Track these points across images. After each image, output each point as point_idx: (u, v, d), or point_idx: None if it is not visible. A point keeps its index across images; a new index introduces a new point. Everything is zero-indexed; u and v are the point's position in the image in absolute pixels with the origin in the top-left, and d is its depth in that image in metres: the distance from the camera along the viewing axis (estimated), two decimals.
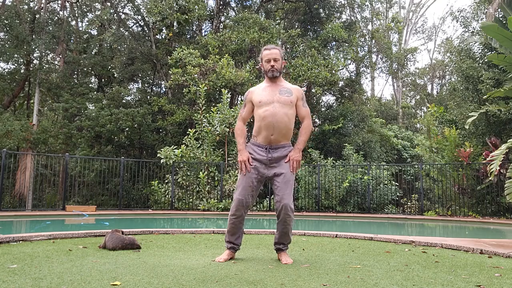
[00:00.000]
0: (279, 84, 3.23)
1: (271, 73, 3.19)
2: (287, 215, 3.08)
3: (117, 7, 17.67)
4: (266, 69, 3.22)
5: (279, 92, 3.17)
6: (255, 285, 2.26)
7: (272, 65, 3.18)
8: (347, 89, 18.23)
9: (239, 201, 3.10)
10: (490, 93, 9.34)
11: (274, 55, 3.20)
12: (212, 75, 13.41)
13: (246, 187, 3.12)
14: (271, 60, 3.19)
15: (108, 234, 3.74)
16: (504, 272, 2.76)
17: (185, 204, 11.16)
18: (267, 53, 3.22)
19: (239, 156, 3.21)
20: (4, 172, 9.32)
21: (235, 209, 3.12)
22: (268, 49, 3.25)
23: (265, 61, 3.22)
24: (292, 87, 3.26)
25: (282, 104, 3.12)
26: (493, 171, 7.84)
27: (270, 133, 3.11)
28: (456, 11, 14.58)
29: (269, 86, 3.22)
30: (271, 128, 3.10)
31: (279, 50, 3.25)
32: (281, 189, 3.08)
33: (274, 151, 3.15)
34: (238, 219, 3.15)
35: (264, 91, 3.20)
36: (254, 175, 3.14)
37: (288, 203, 3.06)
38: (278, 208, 3.10)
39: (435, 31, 30.79)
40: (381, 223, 9.36)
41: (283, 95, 3.15)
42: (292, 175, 3.16)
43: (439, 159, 12.12)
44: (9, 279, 2.29)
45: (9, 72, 16.85)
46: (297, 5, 16.91)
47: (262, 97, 3.17)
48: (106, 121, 14.01)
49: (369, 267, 2.85)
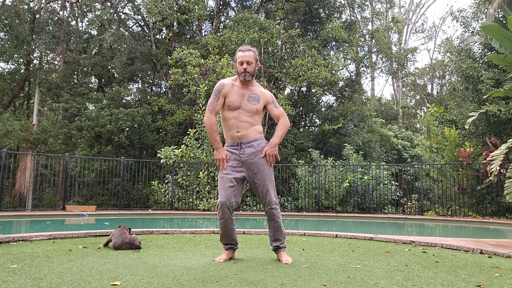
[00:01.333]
0: (249, 89, 3.19)
1: (243, 76, 3.14)
2: (273, 209, 3.14)
3: (117, 7, 17.67)
4: (239, 71, 3.16)
5: (248, 98, 3.14)
6: (255, 285, 2.26)
7: (245, 68, 3.13)
8: (347, 89, 18.23)
9: (222, 204, 3.07)
10: (490, 93, 9.34)
11: (247, 58, 3.14)
12: (212, 75, 13.41)
13: (227, 188, 3.08)
14: (244, 62, 3.13)
15: (117, 230, 3.77)
16: (504, 272, 2.76)
17: (185, 204, 11.16)
18: (241, 55, 3.16)
19: (216, 154, 3.15)
20: (4, 172, 9.32)
21: (221, 212, 3.09)
22: (242, 50, 3.19)
23: (238, 63, 3.17)
24: (261, 92, 3.22)
25: (246, 111, 3.12)
26: (493, 171, 7.84)
27: (235, 130, 3.13)
28: (456, 11, 14.59)
29: (240, 89, 3.17)
30: (235, 126, 3.12)
31: (253, 52, 3.19)
32: (261, 186, 3.12)
33: (247, 145, 3.12)
34: (226, 221, 3.12)
35: (235, 94, 3.15)
36: (233, 174, 3.11)
37: (270, 199, 3.11)
38: (263, 206, 3.17)
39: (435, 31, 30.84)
40: (381, 223, 9.36)
41: (250, 103, 3.13)
42: (270, 169, 3.16)
43: (439, 159, 12.12)
44: (9, 279, 2.29)
45: (9, 72, 16.86)
46: (297, 5, 16.90)
47: (231, 101, 3.13)
48: (106, 121, 14.01)
49: (369, 267, 2.85)
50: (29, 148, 14.30)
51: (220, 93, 3.17)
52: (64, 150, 14.86)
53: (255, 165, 3.12)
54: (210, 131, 3.16)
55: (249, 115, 3.13)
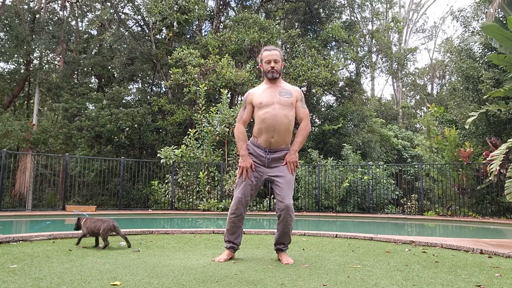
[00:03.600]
0: (278, 85, 3.22)
1: (271, 74, 3.18)
2: (289, 215, 3.09)
3: (117, 7, 17.66)
4: (266, 70, 3.21)
5: (279, 93, 3.16)
6: (255, 285, 2.26)
7: (273, 66, 3.17)
8: (347, 89, 18.23)
9: (239, 199, 3.12)
10: (490, 93, 9.34)
11: (274, 56, 3.19)
12: (212, 75, 13.41)
13: (246, 186, 3.13)
14: (271, 61, 3.18)
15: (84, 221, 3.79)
16: (504, 272, 2.76)
17: (185, 204, 11.16)
18: (268, 54, 3.21)
19: (241, 162, 3.17)
20: (4, 172, 9.32)
21: (235, 208, 3.14)
22: (268, 50, 3.24)
23: (265, 62, 3.21)
24: (292, 88, 3.26)
25: (282, 105, 3.11)
26: (493, 171, 7.84)
27: (270, 135, 3.11)
28: (456, 11, 14.58)
29: (269, 88, 3.21)
30: (272, 130, 3.10)
31: (279, 51, 3.25)
32: (283, 189, 3.09)
33: (273, 153, 3.15)
34: (237, 217, 3.16)
35: (264, 93, 3.18)
36: (254, 173, 3.15)
37: (289, 204, 3.08)
38: (280, 208, 3.10)
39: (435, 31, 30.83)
40: (381, 223, 9.36)
41: (283, 96, 3.14)
42: (292, 176, 3.17)
43: (439, 159, 12.12)
44: (9, 279, 2.29)
45: (9, 72, 16.85)
46: (297, 5, 16.90)
47: (262, 98, 3.15)
48: (106, 121, 14.01)
49: (369, 267, 2.85)
50: (29, 148, 14.30)
51: (246, 101, 3.24)
52: (64, 150, 14.86)
53: (278, 169, 3.14)
54: (237, 140, 3.22)
55: (285, 110, 3.10)
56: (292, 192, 3.16)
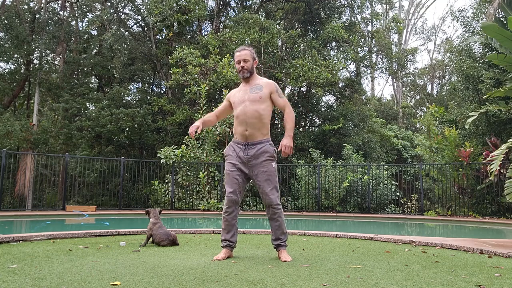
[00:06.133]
0: (252, 83, 3.37)
1: (241, 74, 3.35)
2: (274, 209, 3.24)
3: (117, 7, 17.67)
4: (237, 70, 3.38)
5: (250, 90, 3.32)
6: (255, 285, 2.26)
7: (242, 65, 3.33)
8: (347, 89, 18.23)
9: (230, 198, 3.25)
10: (490, 93, 9.34)
11: (243, 56, 3.33)
12: (213, 75, 13.41)
13: (232, 184, 3.27)
14: (240, 61, 3.34)
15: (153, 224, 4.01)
16: (504, 272, 2.76)
17: (185, 204, 11.16)
18: (237, 54, 3.37)
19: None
20: (4, 172, 9.32)
21: (227, 206, 3.27)
22: (238, 51, 3.40)
23: (236, 63, 3.38)
24: (264, 82, 3.38)
25: (251, 101, 3.27)
26: (493, 171, 7.83)
27: (244, 128, 3.27)
28: (457, 11, 14.59)
29: (243, 87, 3.40)
30: (244, 124, 3.26)
31: (249, 50, 3.38)
32: (263, 187, 3.23)
33: (251, 148, 3.26)
34: (231, 215, 3.27)
35: (238, 93, 3.38)
36: (236, 172, 3.28)
37: (271, 200, 3.21)
38: (265, 205, 3.28)
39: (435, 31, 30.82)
40: (381, 223, 9.35)
41: (252, 93, 3.30)
42: (272, 170, 3.25)
43: (439, 159, 12.12)
44: (9, 279, 2.29)
45: (9, 72, 16.86)
46: (297, 5, 16.90)
47: (235, 98, 3.37)
48: (107, 121, 14.01)
49: (369, 267, 2.85)
50: (29, 148, 14.30)
51: (226, 97, 3.53)
52: (64, 150, 14.87)
53: (257, 167, 3.25)
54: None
55: (255, 105, 3.24)
56: (275, 186, 3.26)
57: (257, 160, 3.24)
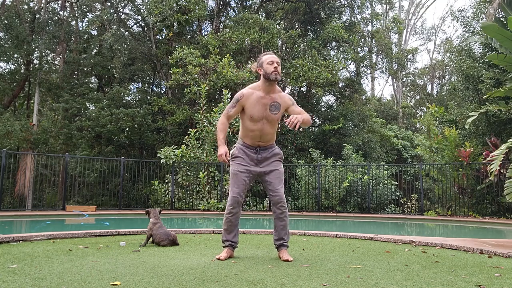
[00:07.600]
0: (271, 96, 3.22)
1: (274, 75, 3.15)
2: (282, 209, 3.24)
3: (117, 7, 17.67)
4: (269, 71, 3.16)
5: (270, 108, 3.20)
6: (255, 285, 2.26)
7: (276, 67, 3.17)
8: (347, 89, 18.23)
9: (236, 199, 3.23)
10: (490, 93, 9.34)
11: (277, 59, 3.25)
12: (213, 75, 13.40)
13: (239, 185, 3.24)
14: (274, 62, 3.18)
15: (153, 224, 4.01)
16: (504, 272, 2.76)
17: (185, 204, 11.16)
18: (270, 55, 3.24)
19: (218, 151, 3.28)
20: (4, 172, 9.32)
21: (231, 207, 3.24)
22: (269, 53, 3.31)
23: (267, 63, 3.18)
24: (280, 97, 3.27)
25: (269, 121, 3.24)
26: (493, 171, 7.84)
27: (257, 140, 3.28)
28: (456, 11, 14.58)
29: (262, 98, 3.20)
30: (258, 137, 3.26)
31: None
32: (275, 184, 3.23)
33: (263, 151, 3.31)
34: (234, 216, 3.26)
35: (257, 105, 3.19)
36: (245, 174, 3.26)
37: (281, 197, 3.23)
38: (274, 203, 3.25)
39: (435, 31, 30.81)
40: (381, 223, 9.35)
41: (272, 112, 3.22)
42: (281, 171, 3.30)
43: (439, 159, 12.12)
44: (9, 279, 2.29)
45: (9, 72, 16.86)
46: (297, 5, 16.90)
47: (254, 112, 3.19)
48: (107, 121, 14.01)
49: (369, 267, 2.85)
50: (30, 148, 14.30)
51: (238, 102, 3.26)
52: (64, 150, 14.86)
53: (269, 165, 3.28)
54: (218, 131, 3.30)
55: (272, 125, 3.27)
56: (283, 186, 3.29)
57: (268, 161, 3.30)
